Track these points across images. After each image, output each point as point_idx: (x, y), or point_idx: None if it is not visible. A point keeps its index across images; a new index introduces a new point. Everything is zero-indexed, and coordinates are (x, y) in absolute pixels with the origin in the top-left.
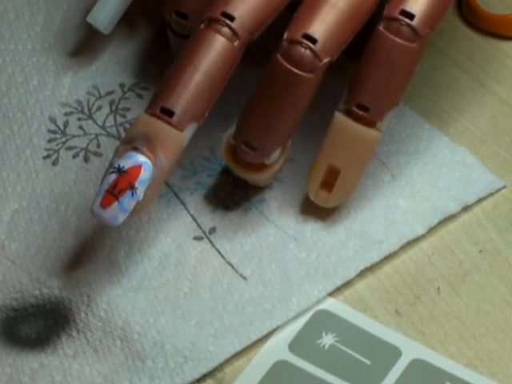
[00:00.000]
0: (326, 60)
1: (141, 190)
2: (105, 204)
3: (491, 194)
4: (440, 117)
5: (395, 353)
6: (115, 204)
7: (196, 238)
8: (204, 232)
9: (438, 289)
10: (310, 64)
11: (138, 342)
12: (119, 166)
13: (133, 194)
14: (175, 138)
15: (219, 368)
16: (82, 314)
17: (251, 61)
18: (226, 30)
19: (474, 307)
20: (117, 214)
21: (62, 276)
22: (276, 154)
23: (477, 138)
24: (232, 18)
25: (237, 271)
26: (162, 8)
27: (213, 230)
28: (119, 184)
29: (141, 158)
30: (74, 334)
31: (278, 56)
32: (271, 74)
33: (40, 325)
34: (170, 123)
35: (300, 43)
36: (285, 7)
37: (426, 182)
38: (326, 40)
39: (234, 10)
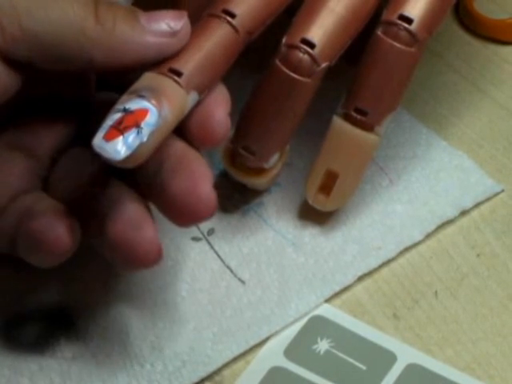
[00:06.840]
0: (324, 65)
1: (146, 132)
2: (108, 137)
3: (489, 198)
4: (438, 121)
5: (390, 358)
6: (120, 138)
7: (194, 239)
8: (202, 233)
9: (436, 293)
10: (308, 69)
11: (136, 346)
12: (125, 107)
13: (138, 133)
14: (181, 94)
15: (217, 371)
16: (81, 318)
17: (249, 65)
18: (226, 26)
19: (471, 311)
20: (120, 148)
21: (60, 279)
22: (274, 158)
23: (474, 142)
24: (233, 16)
25: (235, 275)
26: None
27: (211, 232)
28: (125, 121)
29: (147, 104)
30: (73, 337)
31: (277, 61)
32: (269, 79)
33: (39, 328)
34: (177, 82)
35: (298, 48)
36: (284, 9)
37: (424, 187)
38: (324, 45)
39: (235, 7)
